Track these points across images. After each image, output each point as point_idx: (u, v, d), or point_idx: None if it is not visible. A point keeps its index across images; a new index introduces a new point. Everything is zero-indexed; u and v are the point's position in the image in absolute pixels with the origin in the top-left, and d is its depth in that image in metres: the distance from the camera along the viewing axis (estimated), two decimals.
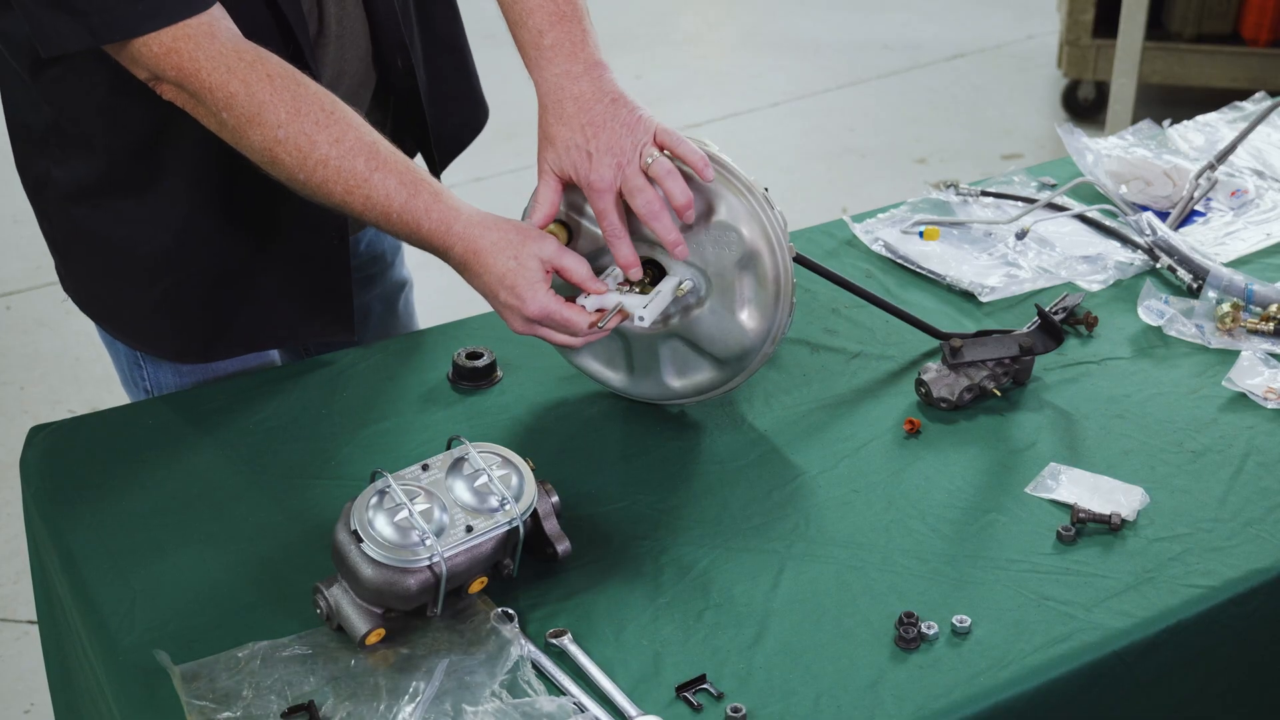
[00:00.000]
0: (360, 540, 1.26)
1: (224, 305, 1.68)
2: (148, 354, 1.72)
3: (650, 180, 1.44)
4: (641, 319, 1.46)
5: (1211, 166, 2.08)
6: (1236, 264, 1.90)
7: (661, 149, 1.45)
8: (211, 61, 1.41)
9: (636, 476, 1.53)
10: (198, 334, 1.69)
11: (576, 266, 1.45)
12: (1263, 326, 1.73)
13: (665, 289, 1.49)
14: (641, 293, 1.52)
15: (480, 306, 1.61)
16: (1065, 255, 1.92)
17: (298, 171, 1.43)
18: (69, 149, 1.59)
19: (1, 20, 1.52)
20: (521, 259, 1.43)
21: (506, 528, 1.31)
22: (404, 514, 1.27)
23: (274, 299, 1.69)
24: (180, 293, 1.65)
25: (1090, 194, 2.05)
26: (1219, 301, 1.77)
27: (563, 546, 1.37)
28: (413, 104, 1.75)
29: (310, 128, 1.42)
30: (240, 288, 1.67)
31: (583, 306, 1.46)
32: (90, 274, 1.68)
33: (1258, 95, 2.37)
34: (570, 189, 1.50)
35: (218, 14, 1.43)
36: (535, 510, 1.35)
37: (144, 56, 1.42)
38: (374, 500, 1.28)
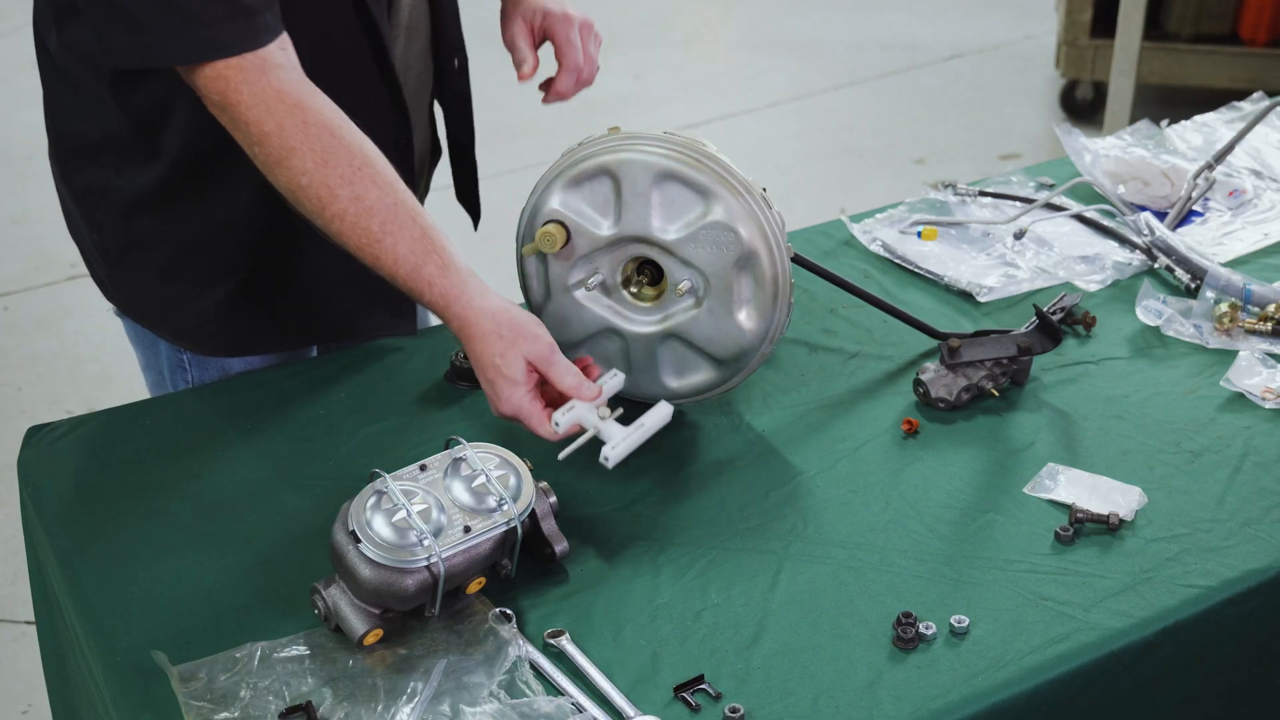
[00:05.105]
0: (358, 541, 1.26)
1: (287, 300, 1.70)
2: (205, 354, 1.73)
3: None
4: (605, 459, 1.39)
5: (1209, 167, 2.08)
6: (1234, 264, 1.90)
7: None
8: (253, 97, 1.41)
9: (635, 476, 1.52)
10: (261, 328, 1.71)
11: (563, 376, 1.42)
12: (1260, 326, 1.74)
13: (649, 422, 1.44)
14: (638, 296, 1.52)
15: None
16: (1063, 255, 1.92)
17: (315, 217, 1.45)
18: (132, 157, 1.59)
19: (68, 29, 1.53)
20: (507, 358, 1.41)
21: (504, 528, 1.31)
22: (402, 514, 1.27)
23: (337, 292, 1.71)
24: (244, 290, 1.67)
25: (1088, 194, 2.05)
26: (1217, 301, 1.77)
27: (561, 547, 1.37)
28: (463, 106, 1.80)
29: (334, 180, 1.42)
30: (303, 282, 1.70)
31: (556, 425, 1.41)
32: (146, 280, 1.68)
33: (1256, 95, 2.37)
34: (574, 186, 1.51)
35: (276, 49, 1.43)
36: (533, 510, 1.35)
37: (190, 77, 1.43)
38: (372, 501, 1.28)
